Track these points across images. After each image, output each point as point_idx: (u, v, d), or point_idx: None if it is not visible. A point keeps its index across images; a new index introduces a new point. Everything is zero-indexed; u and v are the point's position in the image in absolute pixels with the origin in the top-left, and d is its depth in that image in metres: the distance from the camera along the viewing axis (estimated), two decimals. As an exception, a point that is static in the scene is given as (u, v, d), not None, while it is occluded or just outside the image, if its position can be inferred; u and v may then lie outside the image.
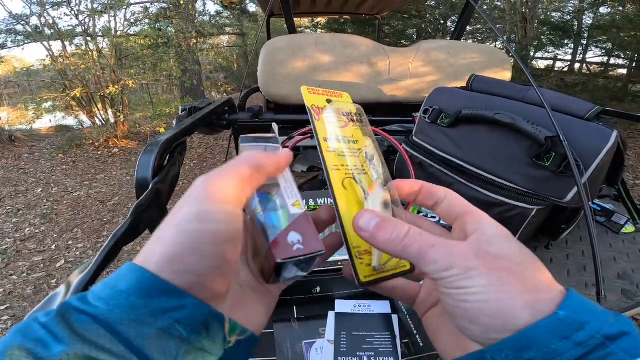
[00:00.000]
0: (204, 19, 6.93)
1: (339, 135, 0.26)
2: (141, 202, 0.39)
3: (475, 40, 5.89)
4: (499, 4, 5.71)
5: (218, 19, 7.49)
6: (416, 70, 1.21)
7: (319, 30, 7.03)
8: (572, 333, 0.16)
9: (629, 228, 0.84)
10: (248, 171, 0.21)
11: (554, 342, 0.16)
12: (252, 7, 7.62)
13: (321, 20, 6.90)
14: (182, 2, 5.07)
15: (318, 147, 0.25)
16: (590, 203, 0.56)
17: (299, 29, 6.92)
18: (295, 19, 1.90)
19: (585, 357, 0.15)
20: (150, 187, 0.41)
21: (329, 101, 0.28)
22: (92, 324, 0.16)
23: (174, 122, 0.77)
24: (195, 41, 5.06)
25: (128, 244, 0.38)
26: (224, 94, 8.31)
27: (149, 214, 0.40)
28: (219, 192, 0.19)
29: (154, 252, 0.18)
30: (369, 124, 0.28)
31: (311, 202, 0.63)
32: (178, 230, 0.18)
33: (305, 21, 7.25)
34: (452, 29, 2.08)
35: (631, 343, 0.16)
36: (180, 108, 0.93)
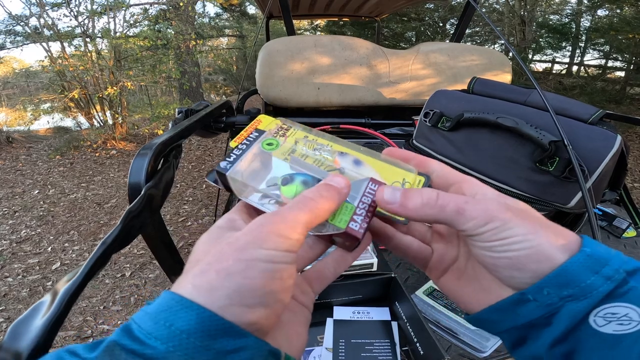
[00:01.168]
0: (204, 21, 6.96)
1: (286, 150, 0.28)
2: (132, 208, 0.37)
3: (474, 42, 5.91)
4: (497, 6, 5.73)
5: (217, 20, 7.52)
6: (416, 72, 1.20)
7: (318, 32, 7.04)
8: (600, 268, 0.17)
9: (631, 232, 0.83)
10: (311, 218, 0.20)
11: (588, 277, 0.17)
12: (251, 9, 7.64)
13: (320, 22, 6.92)
14: (181, 4, 5.06)
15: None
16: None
17: (298, 31, 6.95)
18: (294, 21, 1.90)
19: (613, 292, 0.17)
20: (142, 193, 0.40)
21: (257, 130, 0.29)
22: None
23: (170, 125, 0.75)
24: (194, 43, 5.04)
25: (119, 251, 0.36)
26: (223, 96, 8.31)
27: (141, 220, 0.39)
28: (286, 231, 0.19)
29: (217, 285, 0.17)
30: (295, 123, 0.30)
31: None
32: (249, 265, 0.17)
33: (304, 23, 7.28)
34: (451, 32, 2.08)
35: None
36: (176, 110, 0.91)
